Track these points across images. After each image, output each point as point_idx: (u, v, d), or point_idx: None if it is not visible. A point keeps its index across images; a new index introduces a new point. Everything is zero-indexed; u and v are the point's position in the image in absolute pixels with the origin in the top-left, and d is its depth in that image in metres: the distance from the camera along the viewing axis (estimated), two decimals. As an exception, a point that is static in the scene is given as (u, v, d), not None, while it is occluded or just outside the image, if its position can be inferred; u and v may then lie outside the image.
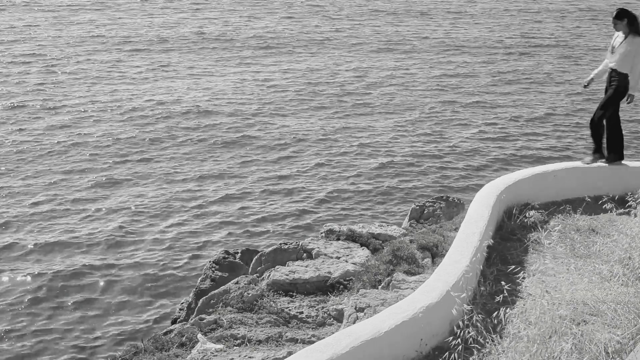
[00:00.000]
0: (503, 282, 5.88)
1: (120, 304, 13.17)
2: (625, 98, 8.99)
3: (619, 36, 8.86)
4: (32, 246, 14.96)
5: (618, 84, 8.86)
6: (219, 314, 8.06)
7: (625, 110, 24.79)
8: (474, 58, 32.43)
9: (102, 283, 13.83)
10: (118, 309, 13.02)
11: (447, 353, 5.33)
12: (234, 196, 17.67)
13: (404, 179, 18.87)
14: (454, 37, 36.90)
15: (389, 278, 7.65)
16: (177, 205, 17.08)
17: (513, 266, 6.50)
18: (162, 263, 14.60)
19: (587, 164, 9.17)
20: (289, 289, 8.45)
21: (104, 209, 16.74)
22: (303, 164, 19.70)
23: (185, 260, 14.71)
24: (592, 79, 9.31)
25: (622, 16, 8.69)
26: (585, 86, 9.46)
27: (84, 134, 21.42)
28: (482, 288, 6.43)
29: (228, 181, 18.55)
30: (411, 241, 8.68)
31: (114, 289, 13.63)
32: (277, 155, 20.24)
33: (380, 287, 7.63)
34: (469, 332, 5.32)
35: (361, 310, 6.88)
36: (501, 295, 5.76)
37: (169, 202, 17.24)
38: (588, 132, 9.45)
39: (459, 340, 5.32)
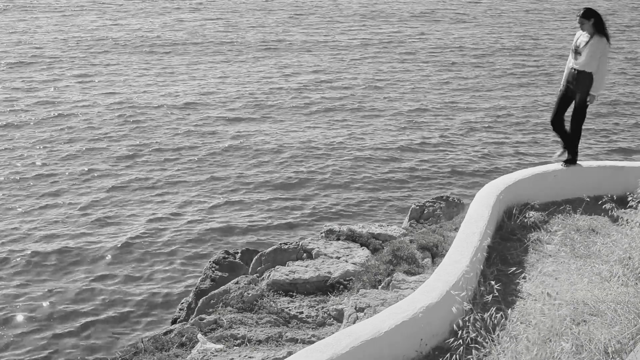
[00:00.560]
0: (493, 284, 5.88)
1: (120, 304, 13.17)
2: (587, 98, 8.70)
3: (582, 35, 8.61)
4: (32, 250, 14.98)
5: (585, 84, 8.61)
6: (219, 314, 8.05)
7: (626, 112, 24.84)
8: (474, 59, 32.43)
9: (101, 283, 13.83)
10: (118, 309, 13.02)
11: (447, 353, 5.33)
12: (234, 196, 17.67)
13: (404, 178, 18.87)
14: (454, 38, 36.90)
15: (389, 278, 7.65)
16: (177, 206, 17.09)
17: (513, 266, 6.51)
18: (162, 263, 14.60)
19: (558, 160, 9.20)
20: (289, 289, 8.44)
21: (102, 209, 16.74)
22: (303, 164, 19.69)
23: (185, 261, 14.71)
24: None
25: (590, 16, 8.43)
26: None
27: (82, 138, 21.41)
28: (482, 288, 6.43)
29: (228, 182, 18.55)
30: (411, 241, 8.68)
31: (114, 289, 13.63)
32: (276, 156, 20.24)
33: (380, 287, 7.63)
34: (468, 332, 5.32)
35: (361, 310, 6.88)
36: (500, 295, 5.76)
37: (169, 203, 17.24)
38: (586, 132, 9.43)
39: (459, 340, 5.32)
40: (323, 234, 10.13)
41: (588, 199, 8.40)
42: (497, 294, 5.72)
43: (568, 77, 8.86)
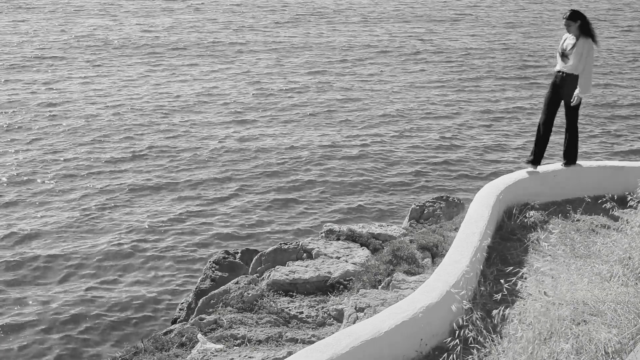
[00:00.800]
0: (502, 282, 5.88)
1: (120, 304, 13.16)
2: (572, 99, 8.66)
3: (569, 38, 8.57)
4: (32, 251, 14.97)
5: (575, 87, 8.52)
6: (219, 314, 8.06)
7: (626, 113, 24.84)
8: (474, 59, 32.43)
9: (101, 284, 13.83)
10: (118, 309, 13.02)
11: (447, 353, 5.32)
12: (234, 196, 17.67)
13: (404, 179, 18.87)
14: (454, 39, 36.91)
15: (389, 278, 7.65)
16: (177, 206, 17.08)
17: (513, 266, 6.50)
18: (162, 263, 14.60)
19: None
20: (289, 289, 8.44)
21: (103, 209, 16.74)
22: (303, 164, 19.69)
23: (186, 260, 14.70)
24: None
25: (576, 18, 8.41)
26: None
27: (81, 139, 21.39)
28: (482, 288, 6.43)
29: (228, 182, 18.55)
30: (411, 241, 8.68)
31: (114, 289, 13.62)
32: (277, 156, 20.24)
33: (380, 287, 7.63)
34: (468, 332, 5.32)
35: (361, 310, 6.88)
36: (501, 295, 5.76)
37: (169, 203, 17.24)
38: (587, 132, 9.43)
39: (459, 340, 5.32)
40: (323, 234, 10.13)
41: (588, 199, 8.40)
42: (505, 292, 5.71)
43: (555, 80, 8.84)
